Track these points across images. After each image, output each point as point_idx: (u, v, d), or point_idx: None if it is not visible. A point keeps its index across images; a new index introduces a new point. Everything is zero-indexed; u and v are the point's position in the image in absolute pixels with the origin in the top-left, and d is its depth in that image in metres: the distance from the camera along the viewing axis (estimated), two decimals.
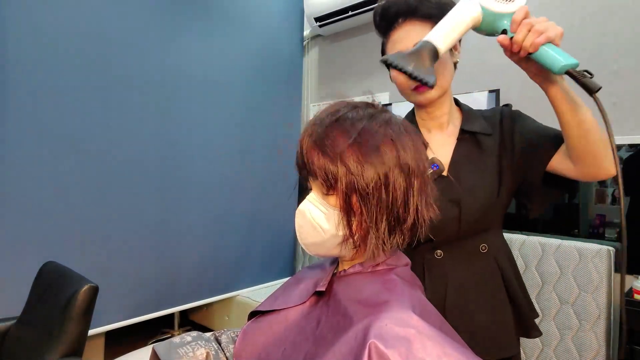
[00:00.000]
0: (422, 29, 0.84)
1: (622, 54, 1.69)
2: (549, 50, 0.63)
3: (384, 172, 0.55)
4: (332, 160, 0.55)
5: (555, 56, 0.62)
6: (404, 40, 0.86)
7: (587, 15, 1.78)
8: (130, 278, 2.03)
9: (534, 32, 0.64)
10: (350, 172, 0.55)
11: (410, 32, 0.85)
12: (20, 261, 1.68)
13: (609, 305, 1.59)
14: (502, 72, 2.02)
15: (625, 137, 1.70)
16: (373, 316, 0.51)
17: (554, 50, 0.63)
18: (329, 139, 0.57)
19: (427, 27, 0.82)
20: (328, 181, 0.56)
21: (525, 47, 0.65)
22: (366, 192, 0.55)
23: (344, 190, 0.55)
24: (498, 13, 0.64)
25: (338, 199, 0.57)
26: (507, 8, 0.63)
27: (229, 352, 0.67)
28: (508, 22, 0.64)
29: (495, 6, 0.63)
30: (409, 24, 0.86)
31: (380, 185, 0.55)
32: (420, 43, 0.68)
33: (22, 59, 1.69)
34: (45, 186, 1.75)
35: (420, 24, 0.85)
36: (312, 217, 0.59)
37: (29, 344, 1.35)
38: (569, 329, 1.64)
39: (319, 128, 0.58)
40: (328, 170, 0.55)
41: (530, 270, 1.77)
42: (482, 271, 0.89)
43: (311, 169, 0.58)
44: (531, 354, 1.73)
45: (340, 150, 0.55)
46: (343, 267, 0.64)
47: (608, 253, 1.61)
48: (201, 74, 2.30)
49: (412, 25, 0.86)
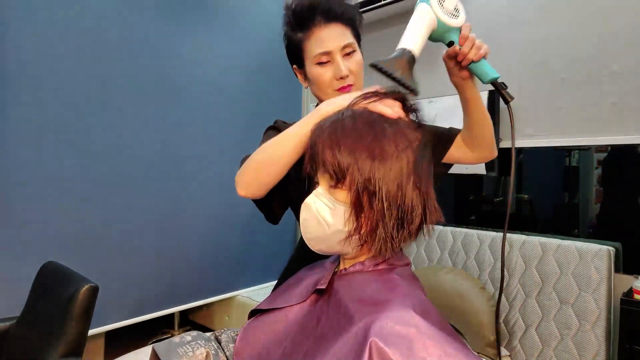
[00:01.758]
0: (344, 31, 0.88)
1: (622, 54, 1.70)
2: (484, 63, 0.77)
3: (396, 171, 0.56)
4: (345, 153, 0.56)
5: (487, 69, 0.77)
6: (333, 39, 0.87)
7: (587, 15, 1.78)
8: (130, 278, 2.03)
9: (476, 47, 0.76)
10: (363, 167, 0.55)
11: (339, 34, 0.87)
12: (20, 261, 1.68)
13: (609, 305, 1.59)
14: (502, 72, 2.01)
15: (625, 137, 1.70)
16: (374, 315, 0.51)
17: (486, 64, 0.77)
18: (345, 134, 0.57)
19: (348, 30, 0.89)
20: (337, 174, 0.57)
21: (469, 58, 0.76)
22: (377, 189, 0.55)
23: (355, 185, 0.56)
24: (449, 26, 0.73)
25: (348, 193, 0.57)
26: (457, 22, 0.74)
27: (229, 351, 0.67)
28: (455, 34, 0.75)
29: (448, 20, 0.73)
30: (334, 26, 0.88)
31: (393, 184, 0.56)
32: (400, 51, 0.73)
33: (22, 59, 1.69)
34: (46, 186, 1.75)
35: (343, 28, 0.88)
36: (317, 210, 0.60)
37: (29, 344, 1.35)
38: (569, 329, 1.64)
39: (336, 123, 0.60)
40: (339, 163, 0.56)
41: (530, 270, 1.77)
42: None
43: (322, 161, 0.58)
44: (531, 354, 1.73)
45: (354, 146, 0.56)
46: (344, 266, 0.64)
47: (608, 253, 1.61)
48: (202, 73, 2.30)
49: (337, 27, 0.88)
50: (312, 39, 0.88)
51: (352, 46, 0.89)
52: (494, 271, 1.88)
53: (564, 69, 1.84)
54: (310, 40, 0.88)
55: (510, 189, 0.83)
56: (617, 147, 1.75)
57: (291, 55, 0.95)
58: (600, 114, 1.75)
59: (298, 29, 0.90)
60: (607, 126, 1.73)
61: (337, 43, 0.87)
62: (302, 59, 0.91)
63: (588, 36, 1.78)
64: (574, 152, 1.89)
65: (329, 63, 0.88)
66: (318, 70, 0.89)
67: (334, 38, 0.87)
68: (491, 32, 2.07)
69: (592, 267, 1.62)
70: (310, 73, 0.90)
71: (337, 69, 0.87)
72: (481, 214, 2.21)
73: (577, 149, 1.87)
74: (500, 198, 2.15)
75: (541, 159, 2.00)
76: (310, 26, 0.88)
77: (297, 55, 0.92)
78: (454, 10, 0.74)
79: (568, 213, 1.93)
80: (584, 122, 1.79)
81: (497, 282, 1.87)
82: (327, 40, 0.87)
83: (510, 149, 0.79)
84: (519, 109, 1.96)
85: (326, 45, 0.87)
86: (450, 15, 0.74)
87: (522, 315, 1.77)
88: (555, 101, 1.87)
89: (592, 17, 1.77)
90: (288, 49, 0.94)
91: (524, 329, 1.76)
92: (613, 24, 1.72)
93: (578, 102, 1.81)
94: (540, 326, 1.72)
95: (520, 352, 1.76)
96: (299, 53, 0.91)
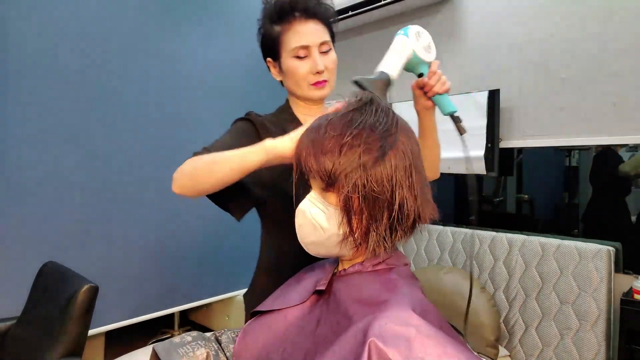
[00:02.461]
0: (321, 29, 0.91)
1: (622, 54, 1.69)
2: (446, 97, 0.87)
3: (385, 172, 0.55)
4: (329, 159, 0.56)
5: (447, 103, 0.87)
6: (312, 35, 0.89)
7: (587, 15, 1.78)
8: (130, 278, 2.03)
9: (442, 82, 0.86)
10: (350, 170, 0.55)
11: (318, 31, 0.90)
12: (20, 261, 1.68)
13: (608, 305, 1.59)
14: (502, 72, 2.02)
15: (625, 138, 1.70)
16: (373, 315, 0.51)
17: (447, 98, 0.88)
18: (329, 137, 0.57)
19: (325, 29, 0.92)
20: (326, 179, 0.56)
21: (434, 90, 0.86)
22: (366, 191, 0.55)
23: (344, 189, 0.55)
24: (422, 59, 0.84)
25: (338, 197, 0.57)
26: (429, 57, 0.85)
27: (229, 352, 0.67)
28: (426, 68, 0.86)
29: (422, 54, 0.84)
30: (313, 22, 0.90)
31: (382, 184, 0.55)
32: (379, 73, 0.81)
33: (23, 58, 1.69)
34: (46, 186, 1.76)
35: (321, 26, 0.91)
36: (312, 216, 0.60)
37: (29, 344, 1.35)
38: (569, 329, 1.64)
39: (320, 128, 0.59)
40: (325, 169, 0.56)
41: (530, 270, 1.77)
42: None
43: (309, 168, 0.58)
44: (531, 354, 1.73)
45: (339, 149, 0.55)
46: (343, 267, 0.64)
47: (608, 253, 1.61)
48: (201, 73, 2.30)
49: (316, 24, 0.90)
50: (291, 32, 0.90)
51: (328, 44, 0.92)
52: (494, 271, 1.88)
53: (564, 69, 1.84)
54: (289, 33, 0.90)
55: (474, 190, 0.89)
56: (618, 147, 1.75)
57: (267, 48, 0.97)
58: (600, 114, 1.75)
59: (278, 21, 0.91)
60: (607, 126, 1.73)
61: (315, 39, 0.89)
62: (278, 52, 0.93)
63: (588, 36, 1.78)
64: (574, 152, 1.89)
65: (307, 58, 0.90)
66: (295, 63, 0.90)
67: (313, 34, 0.89)
68: (491, 32, 2.07)
69: (592, 267, 1.62)
70: (287, 65, 0.92)
71: (314, 64, 0.89)
72: (481, 214, 2.21)
73: (577, 149, 1.87)
74: (501, 198, 2.16)
75: (541, 159, 2.00)
76: (291, 20, 0.89)
77: (273, 48, 0.93)
78: (428, 46, 0.85)
79: (568, 213, 1.93)
80: (584, 122, 1.79)
81: (497, 282, 1.87)
82: (306, 35, 0.89)
83: (510, 149, 0.79)
84: (519, 109, 1.96)
85: (305, 39, 0.88)
86: (425, 50, 0.84)
87: (522, 315, 1.77)
88: (555, 101, 1.87)
89: (592, 17, 1.77)
90: (264, 41, 0.96)
91: (524, 329, 1.76)
92: (613, 24, 1.72)
93: (578, 102, 1.81)
94: (540, 326, 1.72)
95: (520, 352, 1.76)
96: (276, 46, 0.93)
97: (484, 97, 1.96)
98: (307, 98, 0.95)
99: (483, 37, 2.10)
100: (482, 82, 2.06)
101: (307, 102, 0.97)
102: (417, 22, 2.42)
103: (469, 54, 2.14)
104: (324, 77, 0.91)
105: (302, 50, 0.89)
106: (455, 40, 2.19)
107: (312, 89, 0.92)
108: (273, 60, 0.97)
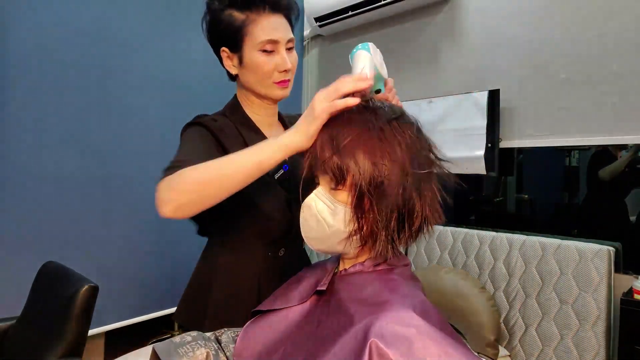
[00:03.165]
0: (288, 25, 0.88)
1: (622, 54, 1.70)
2: None
3: (397, 172, 0.56)
4: (345, 155, 0.56)
5: None
6: (282, 30, 0.85)
7: (587, 15, 1.78)
8: (130, 278, 2.03)
9: (395, 97, 0.80)
10: (364, 169, 0.55)
11: (286, 27, 0.86)
12: (20, 261, 1.68)
13: (608, 305, 1.59)
14: (502, 72, 2.02)
15: (625, 138, 1.70)
16: (374, 315, 0.51)
17: None
18: (344, 136, 0.57)
19: (289, 26, 0.88)
20: (338, 176, 0.57)
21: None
22: (379, 191, 0.55)
23: (356, 187, 0.56)
24: (381, 75, 0.81)
25: (349, 194, 0.58)
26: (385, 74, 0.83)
27: (229, 351, 0.67)
28: (382, 84, 0.82)
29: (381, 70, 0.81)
30: (279, 17, 0.85)
31: (394, 185, 0.56)
32: None
33: (23, 58, 1.69)
34: (46, 186, 1.75)
35: (287, 22, 0.87)
36: (317, 210, 0.60)
37: (29, 344, 1.35)
38: (569, 329, 1.64)
39: (337, 125, 0.60)
40: (339, 165, 0.56)
41: (530, 270, 1.77)
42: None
43: (323, 163, 0.58)
44: (531, 354, 1.73)
45: (354, 148, 0.56)
46: (344, 267, 0.64)
47: (608, 253, 1.61)
48: (201, 73, 2.29)
49: (282, 19, 0.86)
50: (259, 24, 0.83)
51: (293, 42, 0.88)
52: (494, 271, 1.88)
53: (564, 69, 1.84)
54: (257, 24, 0.83)
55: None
56: (617, 147, 1.76)
57: (223, 37, 0.88)
58: (600, 114, 1.75)
59: (244, 9, 0.84)
60: (607, 126, 1.74)
61: (285, 34, 0.85)
62: (239, 42, 0.85)
63: (588, 36, 1.78)
64: (574, 152, 1.90)
65: (274, 53, 0.85)
66: (261, 58, 0.84)
67: (282, 29, 0.85)
68: (491, 32, 2.07)
69: (592, 267, 1.62)
70: (250, 59, 0.85)
71: (283, 61, 0.85)
72: (481, 214, 2.21)
73: (577, 149, 1.87)
74: (501, 198, 2.16)
75: (541, 159, 2.00)
76: (259, 10, 0.83)
77: (234, 37, 0.85)
78: (382, 62, 0.82)
79: (568, 213, 1.94)
80: (584, 122, 1.79)
81: (497, 282, 1.87)
82: (276, 29, 0.84)
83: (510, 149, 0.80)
84: (519, 108, 1.96)
85: (275, 33, 0.84)
86: (381, 66, 0.82)
87: (522, 315, 1.77)
88: (555, 101, 1.87)
89: (592, 17, 1.77)
90: (223, 29, 0.87)
91: (524, 329, 1.76)
92: (613, 24, 1.72)
93: (578, 102, 1.81)
94: (540, 326, 1.72)
95: (520, 352, 1.76)
96: (238, 35, 0.85)
97: (484, 97, 1.96)
98: (268, 96, 0.90)
99: (483, 37, 2.10)
100: (482, 82, 2.06)
101: (265, 101, 0.92)
102: (417, 22, 2.44)
103: (469, 54, 2.14)
104: (289, 77, 0.88)
105: (270, 45, 0.84)
106: (455, 40, 2.19)
107: (275, 87, 0.87)
108: (230, 51, 0.89)
